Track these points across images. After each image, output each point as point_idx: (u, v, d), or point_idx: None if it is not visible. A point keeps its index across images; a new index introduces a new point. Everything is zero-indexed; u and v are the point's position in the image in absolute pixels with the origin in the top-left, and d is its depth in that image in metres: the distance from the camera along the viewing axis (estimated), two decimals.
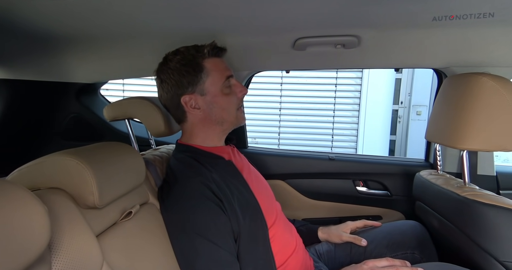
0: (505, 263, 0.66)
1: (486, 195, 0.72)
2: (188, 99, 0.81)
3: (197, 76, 0.80)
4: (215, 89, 0.81)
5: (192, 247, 0.69)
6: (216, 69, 0.82)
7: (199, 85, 0.80)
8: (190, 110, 0.82)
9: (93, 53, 1.05)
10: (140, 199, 0.73)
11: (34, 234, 0.36)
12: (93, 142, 0.68)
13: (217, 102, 0.82)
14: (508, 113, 0.70)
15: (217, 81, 0.81)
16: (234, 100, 0.85)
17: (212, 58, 0.82)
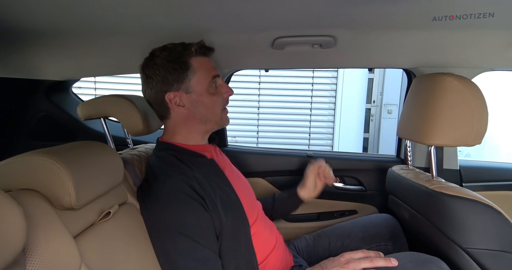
0: (467, 249, 0.71)
1: (451, 187, 0.78)
2: (172, 97, 0.80)
3: (183, 74, 0.79)
4: (200, 88, 0.81)
5: (174, 246, 0.69)
6: (203, 68, 0.82)
7: (185, 83, 0.80)
8: (174, 107, 0.81)
9: (65, 49, 1.01)
10: (118, 199, 0.71)
11: (9, 237, 0.35)
12: (65, 142, 0.65)
13: (202, 101, 0.82)
14: (469, 111, 0.76)
15: (203, 80, 0.81)
16: (220, 101, 0.85)
17: (199, 57, 0.82)
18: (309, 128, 3.42)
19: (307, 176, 1.02)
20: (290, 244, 1.07)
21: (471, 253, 0.70)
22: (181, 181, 0.73)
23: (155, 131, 1.01)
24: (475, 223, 0.71)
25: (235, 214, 0.79)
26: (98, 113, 0.95)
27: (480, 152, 3.16)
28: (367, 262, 0.73)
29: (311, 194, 1.04)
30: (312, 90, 3.35)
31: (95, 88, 3.15)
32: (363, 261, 0.73)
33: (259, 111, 3.38)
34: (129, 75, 3.14)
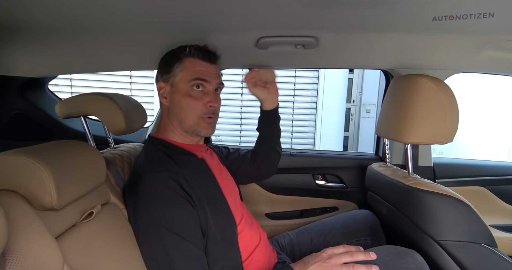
0: (440, 241, 0.76)
1: (426, 183, 0.82)
2: (162, 86, 0.85)
3: (171, 67, 0.83)
4: (182, 86, 0.83)
5: (160, 242, 0.69)
6: (191, 69, 0.82)
7: (172, 76, 0.83)
8: (161, 97, 0.86)
9: (41, 46, 0.97)
10: (101, 199, 0.70)
11: None
12: (41, 141, 0.63)
13: (179, 101, 0.83)
14: (442, 110, 0.80)
15: (186, 79, 0.82)
16: (198, 107, 0.82)
17: (194, 58, 0.83)
18: (291, 127, 3.47)
19: (253, 94, 1.02)
20: (273, 241, 1.09)
21: (443, 245, 0.75)
22: (168, 177, 0.73)
23: (138, 130, 0.99)
24: (447, 216, 0.75)
25: (222, 213, 0.80)
26: (78, 112, 0.92)
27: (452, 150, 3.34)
28: (348, 256, 0.76)
29: (271, 99, 1.03)
30: (294, 90, 3.39)
31: (71, 86, 3.04)
32: (344, 255, 0.76)
33: (242, 110, 3.39)
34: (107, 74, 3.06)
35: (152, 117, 1.43)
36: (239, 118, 3.40)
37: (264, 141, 1.06)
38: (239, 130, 3.42)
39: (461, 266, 0.73)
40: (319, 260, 0.76)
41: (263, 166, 1.07)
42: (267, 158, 1.07)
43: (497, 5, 0.73)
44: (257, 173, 1.09)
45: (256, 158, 1.07)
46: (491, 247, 0.73)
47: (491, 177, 1.24)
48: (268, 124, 1.06)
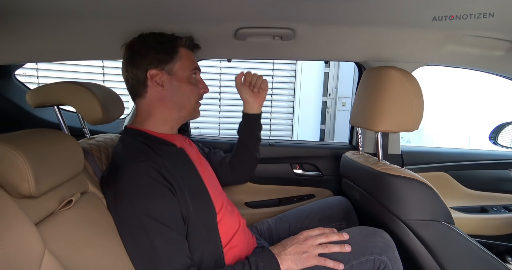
0: (405, 221, 0.82)
1: (394, 168, 0.89)
2: (155, 74, 0.83)
3: (170, 56, 0.84)
4: (182, 74, 0.86)
5: (142, 229, 0.69)
6: (188, 58, 0.87)
7: (170, 64, 0.84)
8: (153, 85, 0.84)
9: (7, 31, 0.92)
10: (79, 188, 0.69)
11: None
12: (11, 131, 0.61)
13: (181, 87, 0.86)
14: (409, 100, 0.86)
15: (187, 68, 0.86)
16: (196, 92, 0.89)
17: (186, 49, 0.88)
18: (270, 120, 3.51)
19: (239, 91, 1.06)
20: (253, 228, 1.13)
21: (408, 224, 0.81)
22: (149, 166, 0.73)
23: (115, 120, 0.98)
24: (412, 198, 0.82)
25: (202, 202, 0.82)
26: (51, 101, 0.89)
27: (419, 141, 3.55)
28: (323, 237, 0.81)
29: (255, 103, 1.06)
30: (272, 83, 3.43)
31: (37, 76, 2.88)
32: (319, 237, 0.81)
33: (220, 103, 3.38)
34: (78, 63, 2.92)
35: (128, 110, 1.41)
36: (218, 111, 3.40)
37: (245, 145, 1.10)
38: (217, 123, 3.42)
39: (423, 242, 0.80)
40: (296, 242, 0.81)
41: (240, 171, 1.11)
42: (245, 162, 1.11)
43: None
44: (232, 178, 1.12)
45: (234, 162, 1.10)
46: (449, 224, 0.80)
47: (452, 163, 1.35)
48: (249, 131, 1.09)
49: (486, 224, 1.27)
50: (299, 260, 0.78)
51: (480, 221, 1.27)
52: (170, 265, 0.68)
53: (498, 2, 0.77)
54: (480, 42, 1.00)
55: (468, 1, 0.77)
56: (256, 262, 0.75)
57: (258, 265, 0.75)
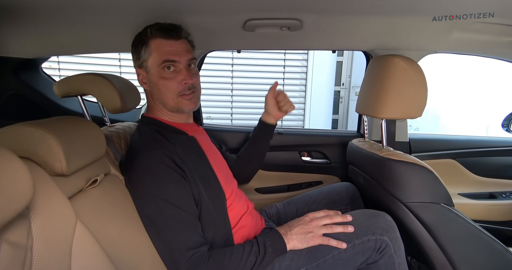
0: (406, 203, 0.86)
1: (397, 154, 0.92)
2: (139, 72, 0.88)
3: (139, 53, 0.86)
4: (153, 69, 0.86)
5: (157, 211, 0.76)
6: (157, 50, 0.84)
7: (143, 61, 0.86)
8: (141, 83, 0.90)
9: (32, 27, 0.99)
10: (103, 169, 0.77)
11: (19, 189, 0.41)
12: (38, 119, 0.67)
13: (156, 84, 0.86)
14: (413, 88, 0.88)
15: (156, 62, 0.84)
16: (173, 86, 0.85)
17: (157, 39, 0.84)
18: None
19: (266, 101, 1.10)
20: (262, 211, 1.19)
21: (409, 206, 0.85)
22: (162, 153, 0.79)
23: (133, 109, 1.05)
24: (413, 181, 0.85)
25: (212, 188, 0.87)
26: (75, 91, 0.97)
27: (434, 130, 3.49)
28: (327, 219, 0.86)
29: (274, 117, 1.12)
30: (284, 73, 3.44)
31: (59, 69, 3.02)
32: (324, 218, 0.86)
33: (233, 93, 3.43)
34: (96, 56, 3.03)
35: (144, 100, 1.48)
36: (230, 101, 3.45)
37: (254, 149, 1.15)
38: (230, 114, 3.48)
39: (423, 223, 0.84)
40: (302, 223, 0.86)
41: (243, 171, 1.15)
42: (250, 163, 1.17)
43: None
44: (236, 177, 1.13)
45: (239, 162, 1.14)
46: (449, 206, 0.84)
47: (461, 150, 1.35)
48: (263, 136, 1.14)
49: (494, 209, 1.28)
50: (304, 239, 0.83)
51: (488, 207, 1.29)
52: (184, 243, 0.74)
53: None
54: (488, 29, 0.99)
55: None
56: (264, 241, 0.81)
57: (265, 244, 0.80)
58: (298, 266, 0.85)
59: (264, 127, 1.13)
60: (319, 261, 0.85)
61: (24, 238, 0.45)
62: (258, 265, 0.78)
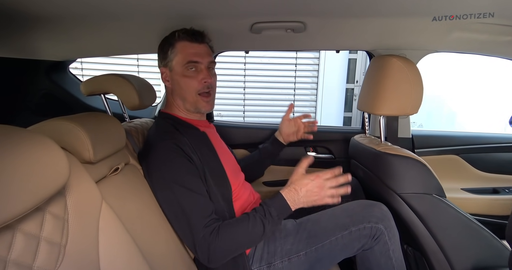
0: (400, 194, 0.91)
1: (394, 148, 0.97)
2: (163, 71, 0.98)
3: (166, 53, 0.95)
4: (177, 68, 0.96)
5: (173, 195, 0.84)
6: (182, 52, 0.95)
7: (169, 61, 0.96)
8: (164, 81, 0.99)
9: (63, 32, 1.11)
10: (123, 159, 0.87)
11: (58, 170, 0.50)
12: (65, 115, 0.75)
13: (179, 81, 0.96)
14: (408, 86, 0.93)
15: (180, 62, 0.95)
16: (194, 85, 0.95)
17: (183, 42, 0.95)
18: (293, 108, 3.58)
19: (281, 121, 1.20)
20: None
21: (403, 197, 0.91)
22: (174, 144, 0.89)
23: (149, 106, 1.15)
24: (407, 173, 0.91)
25: (220, 178, 0.95)
26: (99, 90, 1.08)
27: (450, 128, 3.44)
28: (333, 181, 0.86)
29: (286, 138, 1.22)
30: (295, 71, 3.49)
31: (81, 69, 3.20)
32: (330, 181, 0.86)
33: (245, 91, 3.51)
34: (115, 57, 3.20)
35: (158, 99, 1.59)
36: (242, 99, 3.53)
37: (262, 160, 1.25)
38: (242, 111, 3.57)
39: (416, 212, 0.89)
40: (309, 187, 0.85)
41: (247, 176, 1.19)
42: (255, 170, 1.26)
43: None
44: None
45: (245, 167, 1.20)
46: (441, 197, 0.88)
47: (464, 146, 1.38)
48: (272, 151, 1.25)
49: (496, 204, 1.30)
50: (309, 203, 0.86)
51: (490, 202, 1.31)
52: (199, 221, 0.82)
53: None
54: (487, 28, 1.02)
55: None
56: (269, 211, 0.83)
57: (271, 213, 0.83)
58: (298, 250, 0.92)
59: (275, 143, 1.23)
60: (317, 246, 0.92)
61: (62, 211, 0.55)
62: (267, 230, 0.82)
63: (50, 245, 0.49)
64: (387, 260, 0.92)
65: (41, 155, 0.47)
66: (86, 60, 3.14)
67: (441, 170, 1.36)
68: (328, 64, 3.44)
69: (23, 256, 0.44)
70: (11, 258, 0.42)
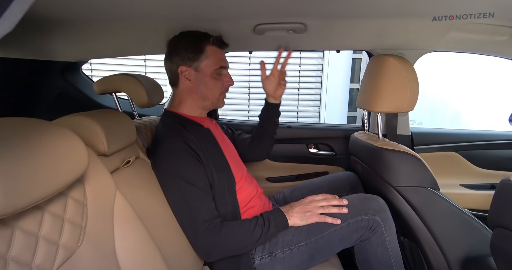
0: (396, 187, 0.96)
1: (390, 144, 1.02)
2: (184, 70, 1.02)
3: (197, 55, 1.00)
4: (207, 70, 1.02)
5: (178, 190, 0.90)
6: (214, 56, 1.02)
7: (197, 62, 1.01)
8: (183, 79, 1.03)
9: (77, 35, 1.18)
10: (134, 153, 0.93)
11: (79, 159, 0.56)
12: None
13: (205, 81, 1.03)
14: (404, 84, 0.98)
15: (211, 65, 1.02)
16: (219, 86, 1.05)
17: (214, 47, 1.03)
18: (297, 107, 3.64)
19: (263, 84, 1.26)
20: (270, 197, 1.32)
21: (399, 190, 0.95)
22: (181, 141, 0.94)
23: (157, 104, 1.21)
24: (402, 167, 0.95)
25: (224, 172, 1.01)
26: (111, 89, 1.15)
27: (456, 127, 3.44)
28: (325, 201, 0.97)
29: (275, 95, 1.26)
30: (299, 71, 3.53)
31: (91, 69, 3.29)
32: (322, 200, 0.98)
33: (250, 91, 3.57)
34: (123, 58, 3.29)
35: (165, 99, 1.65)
36: (247, 99, 3.59)
37: (263, 128, 1.29)
38: (247, 110, 3.63)
39: (411, 204, 0.94)
40: (302, 203, 0.99)
41: (259, 149, 1.30)
42: (263, 142, 1.30)
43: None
44: (253, 155, 1.31)
45: (254, 142, 1.29)
46: (434, 189, 0.93)
47: (463, 143, 1.41)
48: (268, 116, 1.28)
49: None
50: (303, 217, 0.96)
51: (488, 197, 1.32)
52: (201, 215, 0.89)
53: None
54: (482, 29, 1.06)
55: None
56: (268, 216, 0.94)
57: (269, 219, 0.93)
58: (298, 240, 0.97)
59: (269, 107, 1.28)
60: (317, 237, 0.97)
61: (81, 197, 0.60)
62: (263, 236, 0.91)
63: (72, 225, 0.55)
64: (383, 250, 0.96)
65: (65, 146, 0.53)
66: (95, 61, 3.24)
67: (440, 166, 1.40)
68: (332, 64, 3.48)
69: (51, 233, 0.50)
70: (41, 234, 0.48)
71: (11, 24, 0.27)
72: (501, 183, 0.64)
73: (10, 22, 0.27)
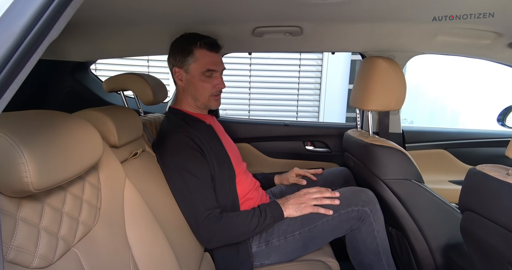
0: (384, 180, 1.03)
1: (379, 140, 1.09)
2: (177, 71, 1.09)
3: (185, 58, 1.07)
4: (195, 72, 1.08)
5: (182, 181, 0.98)
6: (202, 59, 1.06)
7: (186, 65, 1.07)
8: (176, 79, 1.11)
9: (87, 36, 1.25)
10: (141, 146, 1.00)
11: (95, 147, 0.64)
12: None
13: (194, 83, 1.09)
14: (392, 84, 1.05)
15: (198, 68, 1.07)
16: (208, 88, 1.08)
17: (203, 50, 1.06)
18: (296, 107, 3.71)
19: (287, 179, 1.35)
20: (268, 190, 1.39)
21: (386, 182, 1.02)
22: (186, 136, 1.02)
23: (162, 101, 1.29)
24: (389, 161, 1.02)
25: (225, 165, 1.08)
26: (118, 87, 1.22)
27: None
28: (318, 193, 1.04)
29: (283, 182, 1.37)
30: (299, 72, 3.60)
31: (95, 69, 3.38)
32: (316, 193, 1.05)
33: (250, 91, 3.64)
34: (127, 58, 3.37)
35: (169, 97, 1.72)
36: (248, 99, 3.66)
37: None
38: (247, 110, 3.70)
39: (397, 196, 1.01)
40: (296, 196, 1.06)
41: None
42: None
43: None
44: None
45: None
46: (419, 182, 1.00)
47: (451, 141, 1.48)
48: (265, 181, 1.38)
49: None
50: (298, 208, 1.02)
51: None
52: (203, 204, 0.96)
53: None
54: (467, 33, 1.13)
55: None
56: (264, 208, 1.01)
57: (266, 210, 1.00)
58: (293, 230, 1.04)
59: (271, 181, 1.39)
60: (310, 226, 1.04)
61: (96, 182, 0.68)
62: (260, 226, 0.98)
63: (89, 206, 0.62)
64: (372, 239, 1.03)
65: (84, 135, 0.60)
66: (100, 61, 3.32)
67: (430, 163, 1.47)
68: (331, 65, 3.54)
69: (72, 210, 0.57)
70: (65, 211, 0.56)
71: (58, 33, 0.36)
72: (469, 172, 0.71)
73: (57, 31, 0.35)
